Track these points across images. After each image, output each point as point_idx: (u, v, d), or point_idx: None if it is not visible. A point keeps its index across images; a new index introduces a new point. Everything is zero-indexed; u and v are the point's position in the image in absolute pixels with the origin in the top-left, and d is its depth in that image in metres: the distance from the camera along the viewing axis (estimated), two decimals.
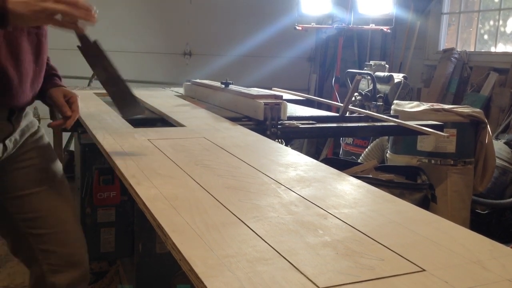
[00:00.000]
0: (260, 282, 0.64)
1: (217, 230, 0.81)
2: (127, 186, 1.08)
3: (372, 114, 2.29)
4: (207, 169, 1.17)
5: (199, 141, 1.47)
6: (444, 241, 0.79)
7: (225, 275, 0.65)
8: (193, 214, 0.88)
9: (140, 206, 0.96)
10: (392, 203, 0.98)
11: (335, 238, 0.79)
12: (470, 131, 2.74)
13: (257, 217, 0.87)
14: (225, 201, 0.94)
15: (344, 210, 0.92)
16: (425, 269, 0.69)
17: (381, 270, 0.68)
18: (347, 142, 3.98)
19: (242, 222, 0.85)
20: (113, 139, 1.43)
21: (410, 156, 2.77)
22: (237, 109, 2.05)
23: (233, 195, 0.99)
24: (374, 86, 3.91)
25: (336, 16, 4.80)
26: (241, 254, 0.72)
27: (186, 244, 0.75)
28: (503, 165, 3.28)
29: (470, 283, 0.66)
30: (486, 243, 0.79)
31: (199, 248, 0.74)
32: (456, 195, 2.70)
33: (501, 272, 0.69)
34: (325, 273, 0.67)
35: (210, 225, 0.83)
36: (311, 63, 6.11)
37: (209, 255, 0.71)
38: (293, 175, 1.14)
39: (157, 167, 1.17)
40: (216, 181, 1.08)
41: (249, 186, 1.05)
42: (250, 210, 0.90)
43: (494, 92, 4.17)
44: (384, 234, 0.81)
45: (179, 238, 0.77)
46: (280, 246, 0.75)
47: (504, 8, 4.43)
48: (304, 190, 1.03)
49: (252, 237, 0.78)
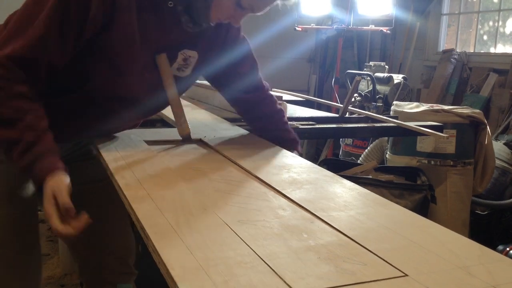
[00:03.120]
0: (236, 286, 0.63)
1: (199, 233, 0.80)
2: (116, 188, 1.07)
3: (371, 115, 2.29)
4: (199, 172, 1.16)
5: (195, 143, 1.47)
6: (432, 246, 0.78)
7: (201, 279, 0.65)
8: (178, 216, 0.87)
9: (127, 207, 0.95)
10: (383, 207, 0.97)
11: (319, 242, 0.78)
12: (469, 132, 2.74)
13: (242, 220, 0.86)
14: (212, 204, 0.94)
15: (332, 213, 0.91)
16: (408, 274, 0.68)
17: (362, 275, 0.68)
18: (346, 143, 3.98)
19: (227, 225, 0.84)
20: (108, 140, 1.43)
21: (409, 157, 2.77)
22: None
23: (221, 198, 0.98)
24: (374, 87, 3.91)
25: (335, 17, 4.79)
26: (221, 258, 0.71)
27: (166, 246, 0.74)
28: (502, 166, 3.28)
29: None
30: (475, 248, 0.78)
31: (179, 250, 0.73)
32: (456, 196, 2.70)
33: (487, 279, 0.67)
34: (304, 278, 0.66)
35: (194, 228, 0.82)
36: (311, 64, 6.11)
37: (188, 258, 0.71)
38: (285, 177, 1.13)
39: (148, 168, 1.17)
40: (206, 184, 1.07)
41: (239, 189, 1.05)
42: (236, 214, 0.90)
43: (494, 93, 4.17)
44: (370, 238, 0.80)
45: (160, 240, 0.77)
46: (262, 250, 0.74)
47: (504, 9, 4.44)
48: (295, 192, 1.02)
49: (234, 241, 0.78)
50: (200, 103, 2.35)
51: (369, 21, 4.55)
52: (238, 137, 1.58)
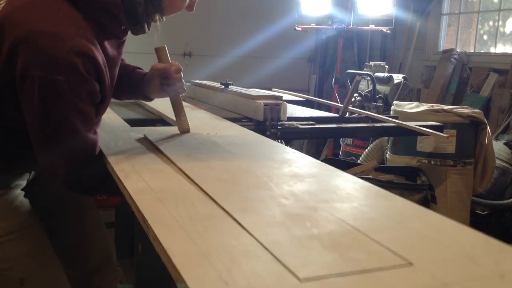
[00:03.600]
0: (240, 273, 0.63)
1: (201, 223, 0.80)
2: (116, 180, 1.08)
3: (371, 115, 2.29)
4: (200, 162, 1.17)
5: (194, 136, 1.47)
6: (436, 236, 0.78)
7: (204, 267, 0.65)
8: (179, 206, 0.87)
9: (127, 199, 0.95)
10: (385, 199, 0.96)
11: (322, 230, 0.78)
12: (469, 132, 2.74)
13: (244, 209, 0.86)
14: (213, 193, 0.93)
15: (335, 204, 0.90)
16: (412, 263, 0.67)
17: (367, 263, 0.67)
18: (346, 143, 3.98)
19: (228, 215, 0.83)
20: (108, 136, 1.43)
21: (409, 156, 2.77)
22: (237, 110, 2.05)
23: (222, 187, 0.98)
24: (374, 87, 3.91)
25: (336, 17, 4.79)
26: (223, 246, 0.71)
27: (168, 236, 0.74)
28: (502, 165, 3.28)
29: (459, 277, 0.64)
30: (480, 238, 0.77)
31: (181, 240, 0.73)
32: (456, 195, 2.70)
33: (493, 267, 0.67)
34: (308, 265, 0.66)
35: (195, 217, 0.82)
36: (311, 64, 6.11)
37: (190, 248, 0.70)
38: (286, 171, 1.13)
39: (148, 161, 1.17)
40: (207, 174, 1.07)
41: (241, 179, 1.04)
42: (238, 202, 0.89)
43: (494, 93, 4.17)
44: (374, 228, 0.79)
45: (161, 229, 0.76)
46: (265, 238, 0.74)
47: (504, 8, 4.44)
48: (296, 184, 1.02)
49: (237, 230, 0.77)
50: (200, 103, 2.35)
51: (369, 21, 4.55)
52: (239, 134, 1.58)
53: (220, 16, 5.57)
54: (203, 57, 5.54)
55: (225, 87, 2.26)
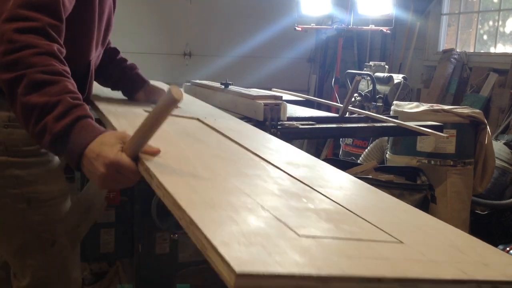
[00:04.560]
0: (242, 220, 0.66)
1: (203, 181, 0.82)
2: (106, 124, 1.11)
3: (371, 115, 2.29)
4: (198, 141, 1.18)
5: (193, 122, 1.47)
6: (423, 227, 0.81)
7: (208, 211, 0.67)
8: (182, 166, 0.89)
9: None
10: (375, 194, 1.00)
11: (318, 207, 0.80)
12: (469, 131, 2.74)
13: (244, 181, 0.88)
14: (213, 165, 0.95)
15: (329, 190, 0.93)
16: (403, 241, 0.71)
17: (361, 235, 0.71)
18: (346, 143, 3.98)
19: (229, 180, 0.86)
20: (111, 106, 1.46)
21: (409, 156, 2.77)
22: (237, 110, 2.05)
23: (221, 162, 1.00)
24: (374, 86, 3.91)
25: (336, 16, 4.80)
26: (225, 200, 0.74)
27: (172, 182, 0.76)
28: (502, 165, 3.28)
29: (447, 258, 0.68)
30: (464, 236, 0.80)
31: (184, 189, 0.75)
32: (456, 195, 2.70)
33: (477, 258, 0.70)
34: (306, 227, 0.69)
35: (197, 176, 0.84)
36: (311, 64, 6.11)
37: (194, 196, 0.72)
38: (283, 159, 1.14)
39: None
40: (205, 151, 1.08)
41: (238, 159, 1.06)
42: (237, 176, 0.91)
43: (494, 93, 4.17)
44: (366, 212, 0.82)
45: (165, 177, 0.78)
46: (264, 202, 0.76)
47: (504, 8, 4.44)
48: (292, 171, 1.02)
49: (238, 191, 0.79)
50: None
51: (369, 21, 4.55)
52: (236, 124, 1.58)
53: (220, 16, 5.57)
54: (203, 57, 5.54)
55: (225, 87, 2.26)
